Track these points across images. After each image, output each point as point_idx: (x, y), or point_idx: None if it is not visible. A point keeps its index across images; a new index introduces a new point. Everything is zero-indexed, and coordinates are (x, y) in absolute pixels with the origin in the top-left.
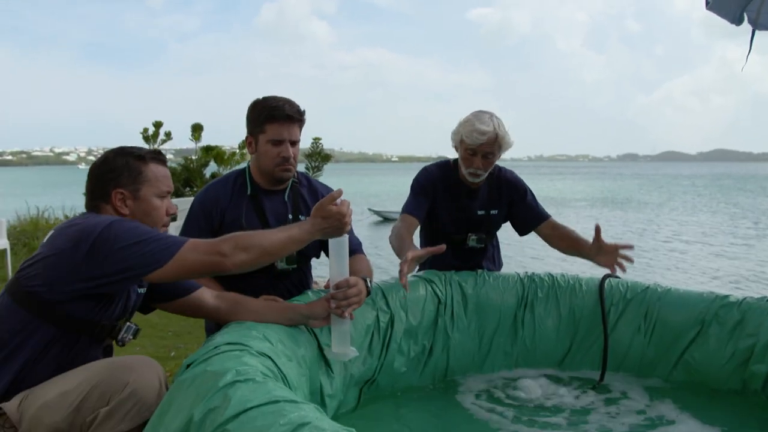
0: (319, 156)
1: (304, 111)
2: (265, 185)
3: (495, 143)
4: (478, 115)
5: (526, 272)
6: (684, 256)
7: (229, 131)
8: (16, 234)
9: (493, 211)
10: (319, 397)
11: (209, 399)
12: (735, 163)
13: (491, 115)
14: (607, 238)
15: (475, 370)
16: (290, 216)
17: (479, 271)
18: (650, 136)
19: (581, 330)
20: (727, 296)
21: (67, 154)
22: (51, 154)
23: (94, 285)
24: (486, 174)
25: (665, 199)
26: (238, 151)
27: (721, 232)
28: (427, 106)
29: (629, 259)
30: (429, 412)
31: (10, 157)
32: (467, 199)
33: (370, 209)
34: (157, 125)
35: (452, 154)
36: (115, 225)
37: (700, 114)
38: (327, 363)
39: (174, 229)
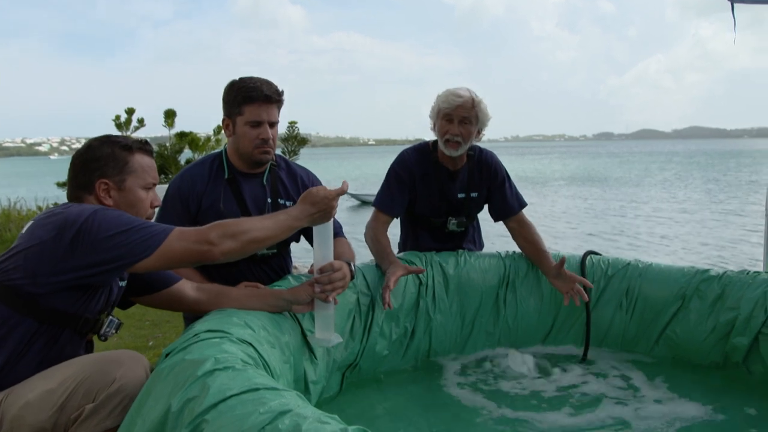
0: (295, 140)
1: (282, 91)
2: (243, 168)
3: (472, 108)
4: (451, 88)
5: (508, 251)
6: (666, 231)
7: (203, 118)
8: None
9: (473, 194)
10: (303, 384)
11: (187, 388)
12: (709, 140)
13: (468, 88)
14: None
15: (457, 351)
16: (269, 200)
17: (460, 251)
18: (625, 115)
19: (563, 308)
20: (707, 270)
21: (40, 144)
22: (23, 144)
23: (79, 276)
24: (465, 145)
25: (643, 175)
26: (213, 136)
27: (701, 207)
28: (403, 90)
29: (583, 296)
30: (412, 395)
31: None
32: (448, 182)
33: (348, 192)
34: (130, 112)
35: (429, 135)
36: (99, 214)
37: (674, 92)
38: (310, 349)
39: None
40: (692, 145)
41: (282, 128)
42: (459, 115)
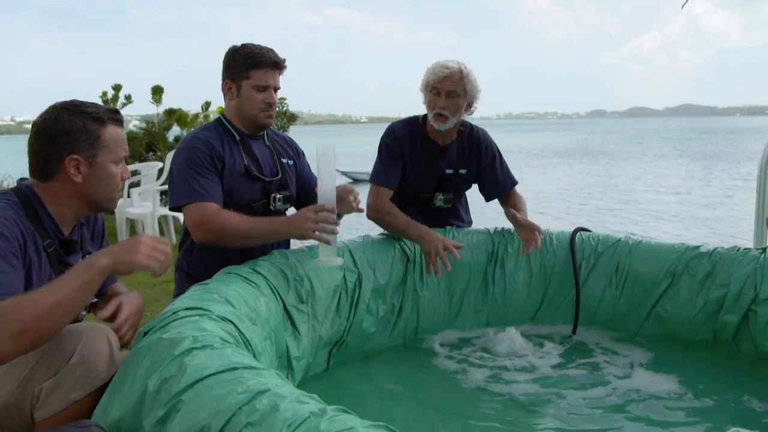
0: (285, 116)
1: (284, 59)
2: (246, 131)
3: (460, 81)
4: (439, 61)
5: (496, 228)
6: (660, 207)
7: (193, 94)
8: None
9: (462, 171)
10: (285, 360)
11: (164, 368)
12: (701, 117)
13: (458, 60)
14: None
15: (445, 329)
16: (275, 159)
17: (448, 227)
18: (618, 93)
19: (552, 285)
20: (697, 247)
21: (28, 122)
22: (12, 122)
23: None
24: (453, 119)
25: (638, 151)
26: (201, 113)
27: (697, 183)
28: (396, 66)
29: (537, 244)
30: (399, 373)
31: None
32: (436, 156)
33: (338, 170)
34: (117, 88)
35: (422, 112)
36: None
37: (667, 69)
38: (293, 324)
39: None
40: (684, 122)
41: None
42: (446, 88)
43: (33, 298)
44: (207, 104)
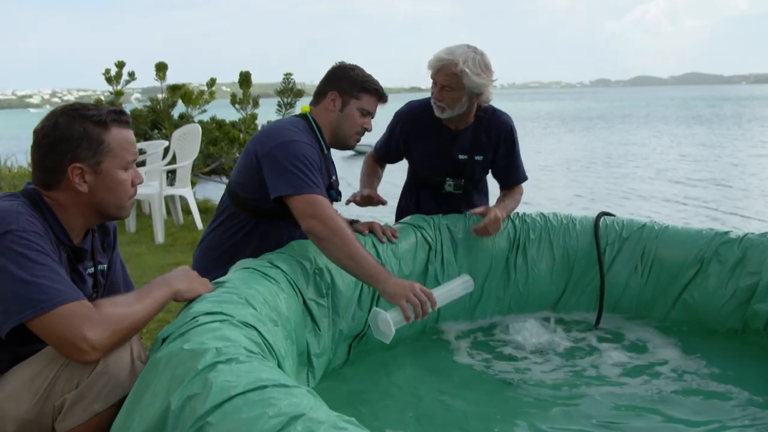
0: (291, 92)
1: None
2: (329, 144)
3: (453, 75)
4: (453, 46)
5: (518, 213)
6: (673, 173)
7: (198, 69)
8: None
9: (477, 157)
10: (306, 358)
11: (188, 384)
12: (707, 86)
13: (468, 48)
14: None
15: (466, 317)
16: (333, 177)
17: (466, 213)
18: (622, 61)
19: (576, 272)
20: (727, 233)
21: (30, 96)
22: (13, 97)
23: None
24: (452, 111)
25: (644, 116)
26: (206, 89)
27: (707, 151)
28: (399, 37)
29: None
30: (420, 365)
31: None
32: (448, 141)
33: None
34: (120, 65)
35: (425, 84)
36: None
37: (672, 37)
38: (314, 320)
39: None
40: (690, 91)
41: (277, 80)
42: (439, 81)
43: (130, 310)
44: (213, 81)
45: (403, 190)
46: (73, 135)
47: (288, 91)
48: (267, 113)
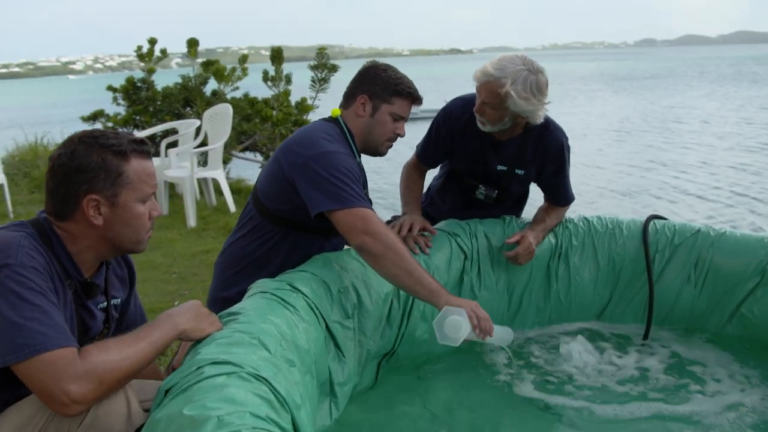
0: (326, 67)
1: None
2: (359, 149)
3: (495, 94)
4: (508, 57)
5: None
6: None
7: (235, 32)
8: (15, 163)
9: (518, 171)
10: (328, 387)
11: None
12: (757, 45)
13: (524, 65)
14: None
15: None
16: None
17: (507, 218)
18: (668, 20)
19: (622, 280)
20: None
21: (74, 63)
22: (58, 63)
23: None
24: (492, 126)
25: (697, 74)
26: (238, 66)
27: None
28: None
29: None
30: (454, 386)
31: (17, 69)
32: (489, 148)
33: None
34: (152, 42)
35: (465, 47)
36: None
37: None
38: (337, 345)
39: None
40: (740, 50)
41: (311, 54)
42: (481, 96)
43: (121, 356)
44: (244, 57)
45: (432, 181)
46: (90, 165)
47: (322, 66)
48: (301, 88)
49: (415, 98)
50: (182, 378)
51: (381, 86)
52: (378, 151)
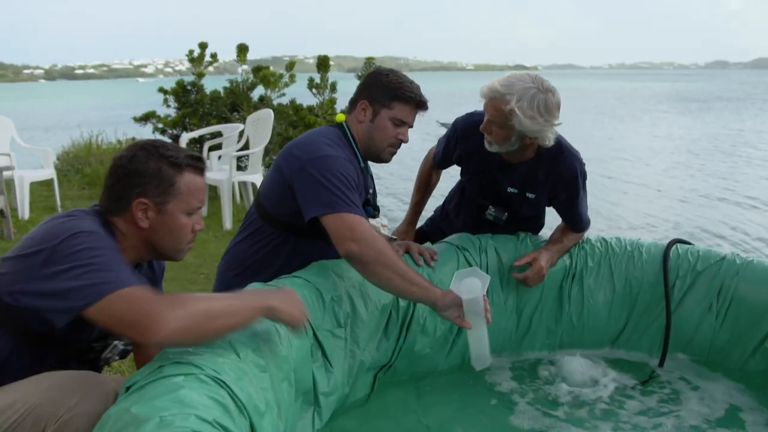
0: None
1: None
2: (363, 156)
3: (501, 113)
4: (518, 75)
5: None
6: None
7: (300, 41)
8: (69, 159)
9: (529, 194)
10: (312, 397)
11: None
12: None
13: (533, 83)
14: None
15: (511, 349)
16: (370, 190)
17: (521, 235)
18: (742, 41)
19: (639, 306)
20: None
21: (145, 66)
22: (130, 66)
23: (35, 306)
24: (499, 147)
25: None
26: (286, 73)
27: None
28: (505, 12)
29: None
30: (452, 403)
31: (92, 71)
32: (498, 170)
33: (438, 121)
34: (203, 46)
35: (530, 63)
36: (72, 240)
37: None
38: (324, 354)
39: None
40: None
41: (358, 64)
42: (487, 113)
43: (212, 305)
44: (292, 64)
45: (448, 195)
46: (147, 170)
47: None
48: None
49: (419, 103)
50: (144, 376)
51: (381, 91)
52: (380, 157)
